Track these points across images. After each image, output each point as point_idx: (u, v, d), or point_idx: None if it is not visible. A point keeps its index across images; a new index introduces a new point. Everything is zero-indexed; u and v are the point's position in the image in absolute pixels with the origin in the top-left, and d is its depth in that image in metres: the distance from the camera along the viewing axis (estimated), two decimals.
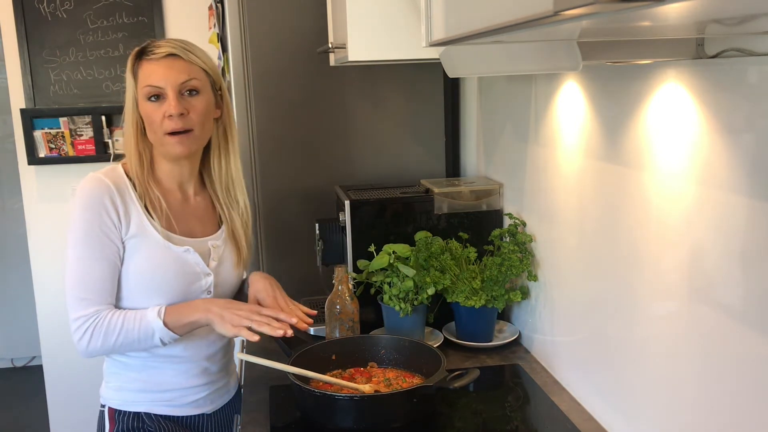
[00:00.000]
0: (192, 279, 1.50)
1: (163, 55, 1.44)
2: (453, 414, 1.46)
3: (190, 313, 1.44)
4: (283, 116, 2.15)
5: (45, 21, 3.01)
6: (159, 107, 1.43)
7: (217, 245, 1.56)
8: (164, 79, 1.43)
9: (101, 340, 1.41)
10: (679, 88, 1.09)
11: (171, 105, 1.42)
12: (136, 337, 1.42)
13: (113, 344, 1.42)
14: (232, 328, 1.41)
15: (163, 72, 1.43)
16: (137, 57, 1.47)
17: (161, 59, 1.44)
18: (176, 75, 1.43)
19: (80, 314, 1.42)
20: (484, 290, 1.72)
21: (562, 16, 0.54)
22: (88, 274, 1.42)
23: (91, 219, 1.41)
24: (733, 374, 1.01)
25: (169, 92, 1.42)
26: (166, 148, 1.46)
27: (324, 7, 1.98)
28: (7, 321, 4.40)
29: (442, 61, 1.34)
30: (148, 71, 1.44)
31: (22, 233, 3.40)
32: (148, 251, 1.45)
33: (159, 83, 1.43)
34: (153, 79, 1.43)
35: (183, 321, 1.43)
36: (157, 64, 1.44)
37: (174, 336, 1.43)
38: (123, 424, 1.53)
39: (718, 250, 1.02)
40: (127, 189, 1.46)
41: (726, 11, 0.76)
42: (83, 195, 1.43)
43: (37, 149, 3.09)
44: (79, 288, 1.42)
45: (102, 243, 1.42)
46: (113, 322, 1.41)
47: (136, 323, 1.42)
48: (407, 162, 2.26)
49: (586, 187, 1.44)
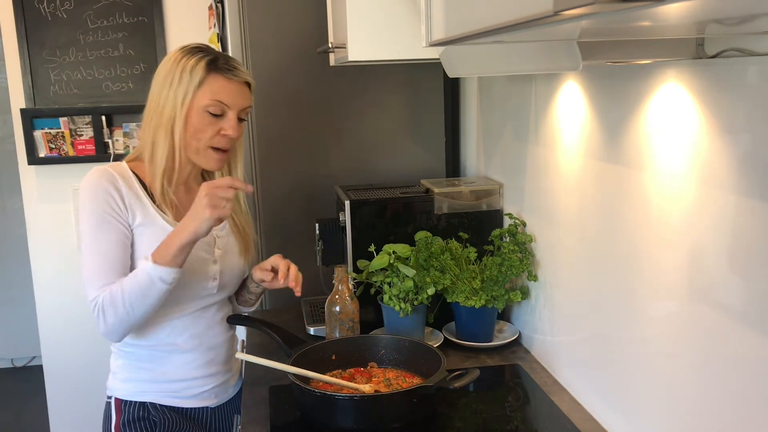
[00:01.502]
0: (198, 266, 1.53)
1: (241, 80, 1.50)
2: (453, 414, 1.46)
3: (172, 241, 1.40)
4: (283, 116, 2.15)
5: (45, 21, 3.01)
6: (215, 122, 1.48)
7: (222, 235, 1.60)
8: (234, 102, 1.49)
9: (112, 311, 1.41)
10: (679, 88, 1.09)
11: (232, 127, 1.49)
12: (139, 291, 1.40)
13: (126, 311, 1.41)
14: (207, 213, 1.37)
15: (236, 95, 1.49)
16: (211, 66, 1.47)
17: (238, 83, 1.50)
18: (243, 102, 1.51)
19: (92, 296, 1.44)
20: (484, 290, 1.72)
21: (562, 16, 0.54)
22: (99, 259, 1.44)
23: (99, 205, 1.44)
24: (733, 374, 1.01)
25: (232, 114, 1.49)
26: (202, 157, 1.51)
27: (324, 7, 1.98)
28: (7, 321, 4.40)
29: (442, 61, 1.34)
30: (222, 87, 1.48)
31: (22, 233, 3.40)
32: (156, 239, 1.47)
33: (228, 103, 1.48)
34: (225, 97, 1.48)
35: (171, 250, 1.39)
36: (234, 85, 1.49)
37: (172, 270, 1.39)
38: (129, 414, 1.55)
39: (718, 250, 1.02)
40: (132, 180, 1.49)
41: (726, 11, 0.76)
42: (88, 185, 1.46)
43: (37, 149, 3.09)
44: (95, 271, 1.44)
45: (112, 225, 1.45)
46: (114, 290, 1.42)
47: (133, 280, 1.41)
48: (407, 162, 2.26)
49: (586, 187, 1.44)
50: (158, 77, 1.51)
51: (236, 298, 1.73)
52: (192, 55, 1.48)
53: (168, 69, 1.49)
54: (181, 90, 1.47)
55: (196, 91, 1.46)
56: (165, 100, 1.48)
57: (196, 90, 1.46)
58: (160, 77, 1.50)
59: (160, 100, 1.49)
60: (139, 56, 3.08)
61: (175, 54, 1.50)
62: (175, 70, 1.48)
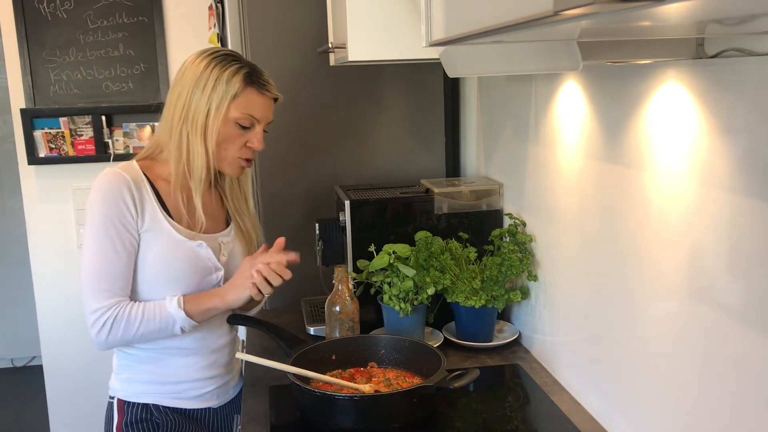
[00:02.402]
0: (204, 273, 1.53)
1: (273, 96, 1.53)
2: (453, 414, 1.46)
3: (207, 300, 1.50)
4: (282, 116, 2.15)
5: (45, 21, 3.01)
6: (243, 133, 1.50)
7: (227, 241, 1.60)
8: (264, 116, 1.52)
9: (122, 331, 1.44)
10: (679, 88, 1.09)
11: (259, 140, 1.52)
12: (156, 327, 1.46)
13: (133, 335, 1.45)
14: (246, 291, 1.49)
15: (266, 109, 1.52)
16: (248, 80, 1.47)
17: (269, 98, 1.52)
18: (270, 116, 1.55)
19: (99, 306, 1.43)
20: (484, 290, 1.72)
21: (562, 16, 0.54)
22: (107, 266, 1.43)
23: (110, 211, 1.43)
24: (733, 374, 1.01)
25: (259, 129, 1.52)
26: (228, 167, 1.54)
27: (324, 7, 1.98)
28: (7, 321, 4.40)
29: (442, 61, 1.34)
30: (256, 102, 1.49)
31: (22, 233, 3.40)
32: (162, 245, 1.47)
33: (259, 117, 1.51)
34: (257, 111, 1.50)
35: (202, 308, 1.49)
36: (265, 101, 1.52)
37: (193, 323, 1.48)
38: (131, 415, 1.55)
39: (718, 250, 1.02)
40: (143, 184, 1.48)
41: (726, 11, 0.76)
42: (101, 187, 1.44)
43: (37, 149, 3.09)
44: (97, 279, 1.43)
45: (120, 234, 1.43)
46: (134, 313, 1.44)
47: (156, 313, 1.45)
48: (407, 162, 2.26)
49: (586, 187, 1.44)
50: (186, 79, 1.47)
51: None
52: (228, 64, 1.47)
53: (199, 73, 1.46)
54: (215, 98, 1.45)
55: (230, 102, 1.46)
56: (196, 105, 1.46)
57: (231, 101, 1.46)
58: (189, 79, 1.47)
59: (190, 104, 1.46)
60: (139, 56, 3.08)
61: (206, 59, 1.47)
62: (209, 76, 1.46)
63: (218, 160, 1.51)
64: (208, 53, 1.49)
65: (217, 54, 1.49)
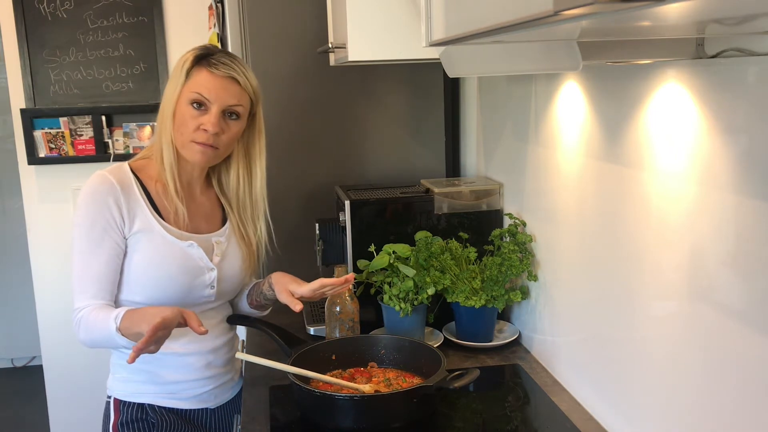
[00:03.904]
0: (195, 273, 1.53)
1: (225, 75, 1.46)
2: (453, 414, 1.46)
3: (138, 324, 1.36)
4: (282, 116, 2.15)
5: (45, 21, 3.01)
6: (198, 115, 1.46)
7: (221, 241, 1.59)
8: (215, 96, 1.46)
9: (85, 334, 1.45)
10: (679, 88, 1.09)
11: (211, 123, 1.45)
12: (104, 336, 1.41)
13: (93, 340, 1.45)
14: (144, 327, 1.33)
15: (217, 89, 1.46)
16: (197, 60, 1.48)
17: (221, 77, 1.46)
18: (227, 97, 1.46)
19: (76, 306, 1.46)
20: (484, 290, 1.72)
21: (562, 16, 0.54)
22: (87, 268, 1.45)
23: (94, 215, 1.44)
24: (734, 374, 1.01)
25: (214, 110, 1.46)
26: (187, 151, 1.50)
27: (324, 7, 1.98)
28: (7, 321, 4.40)
29: (442, 61, 1.34)
30: (203, 80, 1.46)
31: (22, 233, 3.40)
32: (153, 245, 1.47)
33: (209, 97, 1.46)
34: (205, 90, 1.46)
35: (132, 330, 1.37)
36: (215, 79, 1.46)
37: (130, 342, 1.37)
38: (127, 415, 1.55)
39: (718, 250, 1.02)
40: (132, 187, 1.49)
41: (726, 11, 0.76)
42: (88, 191, 1.46)
43: (37, 149, 3.09)
44: (78, 281, 1.46)
45: (102, 239, 1.44)
46: (91, 319, 1.43)
47: (100, 323, 1.41)
48: (407, 162, 2.26)
49: (586, 187, 1.44)
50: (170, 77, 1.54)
51: (249, 302, 1.71)
52: (191, 52, 1.50)
53: (173, 68, 1.52)
54: (176, 86, 1.48)
55: (183, 85, 1.47)
56: (164, 97, 1.51)
57: (184, 83, 1.47)
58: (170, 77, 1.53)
59: (164, 98, 1.51)
60: (139, 56, 3.08)
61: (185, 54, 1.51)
62: (176, 68, 1.50)
63: (179, 146, 1.50)
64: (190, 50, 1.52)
65: (193, 48, 1.51)
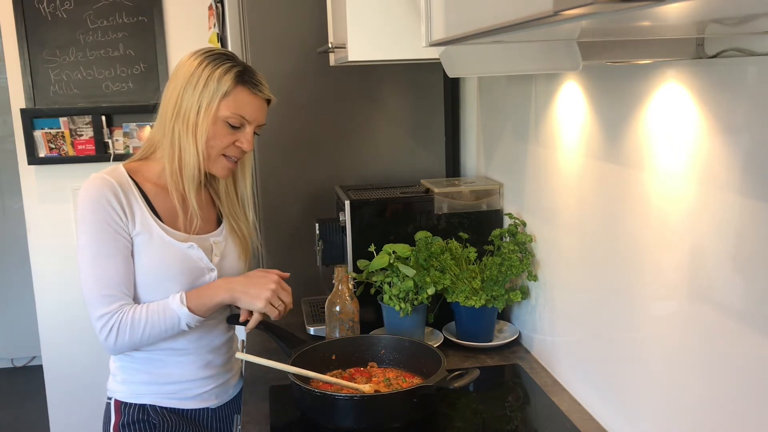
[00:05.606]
0: (197, 274, 1.52)
1: (265, 97, 1.52)
2: (453, 414, 1.46)
3: (213, 295, 1.48)
4: (282, 116, 2.15)
5: (45, 21, 3.01)
6: (232, 133, 1.49)
7: (219, 241, 1.59)
8: (255, 117, 1.51)
9: (128, 334, 1.43)
10: (679, 88, 1.09)
11: (248, 141, 1.51)
12: (162, 327, 1.45)
13: (140, 337, 1.44)
14: (261, 302, 1.48)
15: (257, 110, 1.51)
16: (239, 79, 1.47)
17: (262, 99, 1.51)
18: (262, 117, 1.53)
19: (104, 311, 1.42)
20: (484, 290, 1.72)
21: (562, 16, 0.54)
22: (106, 271, 1.43)
23: (99, 217, 1.42)
24: (734, 374, 1.01)
25: (250, 129, 1.51)
26: (213, 164, 1.51)
27: (324, 7, 1.98)
28: (7, 321, 4.40)
29: (442, 61, 1.34)
30: (248, 102, 1.49)
31: (22, 233, 3.41)
32: (153, 248, 1.47)
33: (249, 118, 1.50)
34: (248, 112, 1.49)
35: (207, 304, 1.48)
36: (256, 101, 1.51)
37: (200, 319, 1.48)
38: (128, 416, 1.55)
39: (718, 250, 1.02)
40: (130, 188, 1.48)
41: (726, 11, 0.76)
42: (87, 194, 1.44)
43: (37, 149, 3.09)
44: (98, 286, 1.43)
45: (114, 238, 1.43)
46: (137, 315, 1.43)
47: (160, 314, 1.45)
48: (407, 162, 2.26)
49: (586, 187, 1.44)
50: (179, 77, 1.48)
51: None
52: (220, 62, 1.47)
53: (191, 71, 1.46)
54: (206, 96, 1.45)
55: (221, 101, 1.46)
56: (187, 103, 1.46)
57: (222, 99, 1.46)
58: (181, 78, 1.47)
59: (182, 102, 1.46)
60: (139, 56, 3.08)
61: (199, 57, 1.48)
62: (200, 74, 1.46)
63: (206, 159, 1.49)
64: (202, 52, 1.50)
65: (211, 53, 1.50)
